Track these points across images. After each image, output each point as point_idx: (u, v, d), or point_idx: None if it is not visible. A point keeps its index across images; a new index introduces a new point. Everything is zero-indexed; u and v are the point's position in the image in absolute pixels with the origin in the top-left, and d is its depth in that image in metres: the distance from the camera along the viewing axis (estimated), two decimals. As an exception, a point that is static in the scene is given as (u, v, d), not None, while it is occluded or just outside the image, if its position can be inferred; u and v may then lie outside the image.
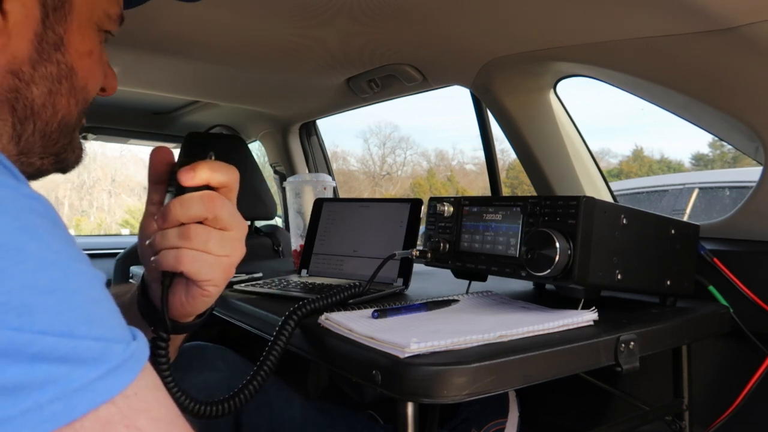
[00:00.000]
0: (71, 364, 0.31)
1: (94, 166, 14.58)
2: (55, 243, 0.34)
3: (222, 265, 0.54)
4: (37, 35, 0.48)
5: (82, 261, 0.35)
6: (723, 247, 0.95)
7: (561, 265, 0.70)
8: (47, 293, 0.32)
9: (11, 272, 0.30)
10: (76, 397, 0.31)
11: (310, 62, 1.36)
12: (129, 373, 0.34)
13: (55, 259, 0.33)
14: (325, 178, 1.34)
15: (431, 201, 0.91)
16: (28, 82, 0.48)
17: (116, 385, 0.33)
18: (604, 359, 0.67)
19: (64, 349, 0.31)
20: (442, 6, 0.98)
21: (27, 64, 0.48)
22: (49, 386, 0.30)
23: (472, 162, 14.13)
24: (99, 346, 0.33)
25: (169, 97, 1.87)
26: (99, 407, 0.32)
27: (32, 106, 0.49)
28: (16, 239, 0.32)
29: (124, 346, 0.34)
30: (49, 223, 0.34)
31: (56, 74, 0.50)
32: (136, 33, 1.17)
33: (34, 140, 0.50)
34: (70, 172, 0.58)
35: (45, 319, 0.31)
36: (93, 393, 0.32)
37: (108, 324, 0.35)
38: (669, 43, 0.88)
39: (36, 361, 0.30)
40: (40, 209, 0.34)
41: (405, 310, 0.74)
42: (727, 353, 0.95)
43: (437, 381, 0.54)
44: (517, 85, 1.25)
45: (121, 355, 0.34)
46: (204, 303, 0.58)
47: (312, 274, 1.12)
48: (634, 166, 10.56)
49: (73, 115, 0.53)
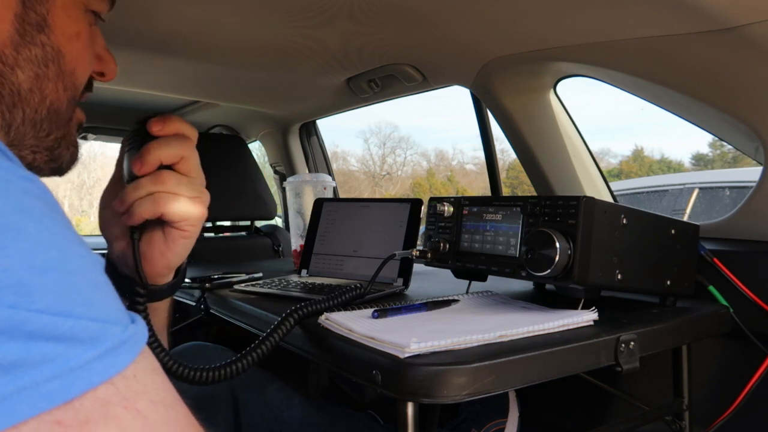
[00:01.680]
0: (68, 343, 0.31)
1: (94, 166, 14.59)
2: (52, 225, 0.33)
3: (195, 205, 0.59)
4: (18, 16, 0.47)
5: (79, 244, 0.35)
6: (723, 247, 0.95)
7: (561, 265, 0.70)
8: (44, 272, 0.31)
9: (8, 251, 0.30)
10: (74, 376, 0.31)
11: (310, 62, 1.36)
12: (127, 354, 0.34)
13: (53, 240, 0.33)
14: (325, 178, 1.34)
15: (431, 201, 0.91)
16: (12, 65, 0.47)
17: (114, 366, 0.33)
18: (604, 359, 0.67)
19: (61, 328, 0.31)
20: (442, 6, 0.98)
21: (9, 46, 0.47)
22: (46, 364, 0.30)
23: (472, 162, 14.15)
24: (96, 327, 0.32)
25: (169, 97, 1.87)
26: (97, 387, 0.31)
27: (19, 91, 0.48)
28: (12, 219, 0.31)
29: (122, 328, 0.34)
30: (46, 206, 0.34)
31: (42, 57, 0.49)
32: (136, 33, 1.17)
33: (25, 130, 0.50)
34: (66, 173, 0.57)
35: (42, 297, 0.30)
36: (90, 372, 0.31)
37: (106, 306, 0.34)
38: (669, 43, 0.88)
39: (32, 339, 0.29)
40: (36, 191, 0.34)
41: (405, 310, 0.74)
42: (727, 353, 0.95)
43: (437, 381, 0.54)
44: (517, 85, 1.25)
45: (119, 337, 0.33)
46: (184, 246, 0.62)
47: (312, 274, 1.12)
48: (634, 166, 10.57)
49: (62, 102, 0.52)
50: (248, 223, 1.90)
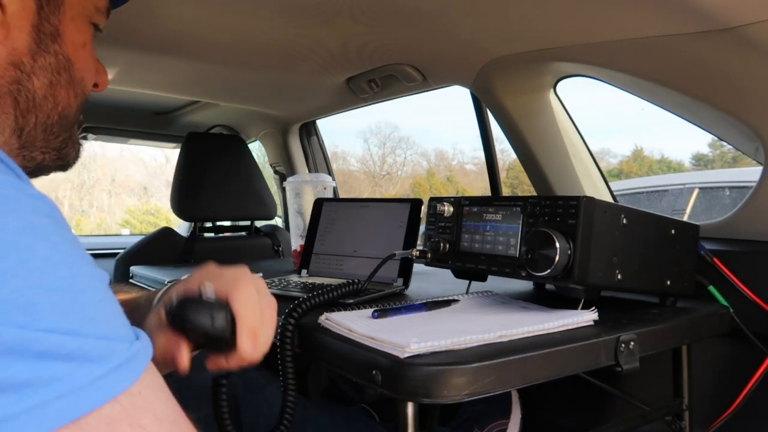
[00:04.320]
0: (76, 362, 0.31)
1: (94, 166, 14.57)
2: (60, 243, 0.34)
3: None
4: (34, 26, 0.49)
5: (86, 262, 0.36)
6: (723, 247, 0.95)
7: (561, 265, 0.70)
8: (53, 292, 0.32)
9: (17, 271, 0.30)
10: (81, 395, 0.31)
11: (310, 62, 1.36)
12: (133, 372, 0.34)
13: (61, 259, 0.33)
14: (325, 178, 1.34)
15: (431, 201, 0.91)
16: (29, 73, 0.49)
17: (120, 384, 0.33)
18: (604, 359, 0.67)
19: (69, 347, 0.31)
20: (442, 6, 0.98)
21: (27, 55, 0.49)
22: (54, 384, 0.30)
23: (472, 162, 14.13)
24: (103, 345, 0.33)
25: (169, 97, 1.87)
26: (103, 405, 0.32)
27: (34, 98, 0.50)
28: (22, 239, 0.32)
29: (127, 345, 0.34)
30: (54, 224, 0.35)
31: (55, 65, 0.51)
32: (136, 33, 1.17)
33: (36, 134, 0.51)
34: (69, 169, 0.58)
35: (50, 317, 0.31)
36: (98, 391, 0.32)
37: (112, 323, 0.35)
38: (669, 43, 0.88)
39: (41, 359, 0.30)
40: (45, 210, 0.34)
41: (405, 310, 0.74)
42: (727, 353, 0.95)
43: (437, 381, 0.54)
44: (517, 85, 1.25)
45: (125, 354, 0.34)
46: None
47: (312, 274, 1.12)
48: (634, 166, 10.56)
49: (72, 108, 0.54)
50: (248, 223, 1.90)
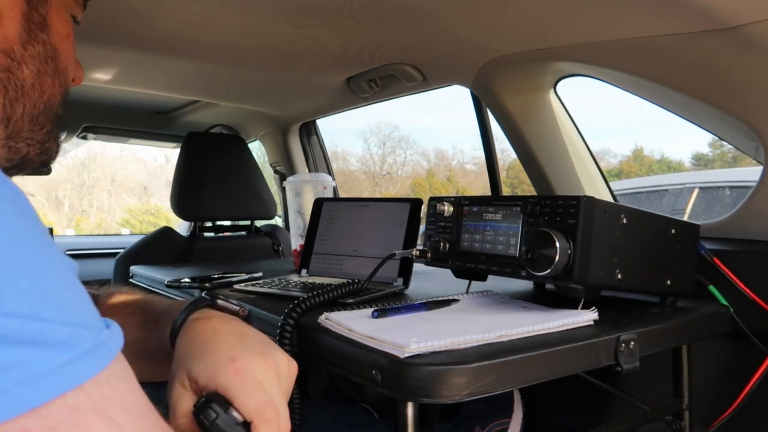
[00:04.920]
0: (37, 348, 0.30)
1: (94, 166, 14.55)
2: (22, 228, 0.33)
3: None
4: (24, 15, 0.50)
5: (51, 246, 0.34)
6: (723, 247, 0.95)
7: (561, 264, 0.70)
8: (12, 275, 0.30)
9: None
10: (43, 382, 0.30)
11: (310, 62, 1.36)
12: (100, 360, 0.33)
13: (22, 243, 0.32)
14: (325, 177, 1.34)
15: (431, 201, 0.91)
16: (19, 61, 0.50)
17: (86, 372, 0.32)
18: (604, 359, 0.67)
19: (29, 331, 0.30)
20: (442, 6, 0.98)
21: (18, 43, 0.49)
22: (13, 369, 0.29)
23: (472, 162, 14.11)
24: (67, 331, 0.31)
25: (169, 97, 1.87)
26: (68, 393, 0.30)
27: (23, 86, 0.50)
28: None
29: (95, 333, 0.33)
30: (17, 210, 0.33)
31: (43, 54, 0.52)
32: (136, 33, 1.17)
33: (23, 124, 0.52)
34: (49, 165, 0.59)
35: (9, 300, 0.29)
36: (61, 378, 0.30)
37: (78, 310, 0.33)
38: (669, 42, 0.88)
39: (0, 344, 0.29)
40: (8, 194, 0.33)
41: (405, 309, 0.74)
42: (727, 353, 0.95)
43: (437, 381, 0.54)
44: (517, 85, 1.25)
45: (92, 342, 0.32)
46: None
47: (312, 274, 1.12)
48: (634, 166, 10.55)
49: (56, 98, 0.55)
50: (248, 223, 1.90)
